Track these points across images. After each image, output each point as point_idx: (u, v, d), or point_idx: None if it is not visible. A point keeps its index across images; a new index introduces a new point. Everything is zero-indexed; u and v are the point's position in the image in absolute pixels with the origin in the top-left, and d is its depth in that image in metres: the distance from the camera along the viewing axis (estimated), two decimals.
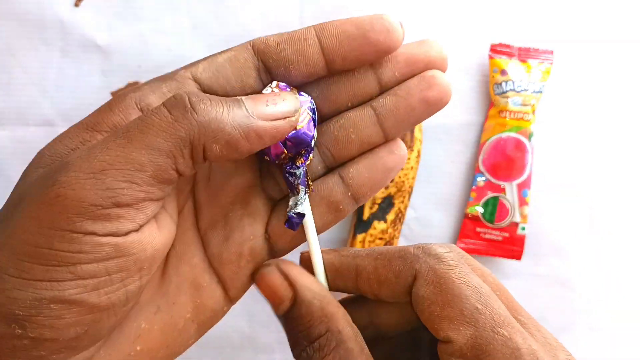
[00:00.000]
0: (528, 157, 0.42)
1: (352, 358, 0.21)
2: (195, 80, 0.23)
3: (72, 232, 0.18)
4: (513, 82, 0.42)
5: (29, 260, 0.18)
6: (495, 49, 0.43)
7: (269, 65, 0.23)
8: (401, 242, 0.43)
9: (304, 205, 0.24)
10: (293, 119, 0.22)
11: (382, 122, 0.24)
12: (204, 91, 0.23)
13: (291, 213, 0.24)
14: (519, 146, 0.42)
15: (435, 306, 0.21)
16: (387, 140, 0.24)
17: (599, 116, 0.43)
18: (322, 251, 0.25)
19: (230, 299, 0.25)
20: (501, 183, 0.42)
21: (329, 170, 0.25)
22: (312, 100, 0.24)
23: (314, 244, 0.24)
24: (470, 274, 0.21)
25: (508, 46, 0.43)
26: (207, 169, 0.25)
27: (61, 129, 0.32)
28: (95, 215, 0.19)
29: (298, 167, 0.23)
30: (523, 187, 0.42)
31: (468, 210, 0.43)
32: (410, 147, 0.41)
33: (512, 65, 0.42)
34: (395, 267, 0.22)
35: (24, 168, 0.21)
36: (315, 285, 0.22)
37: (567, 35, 0.43)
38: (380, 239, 0.40)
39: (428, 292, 0.21)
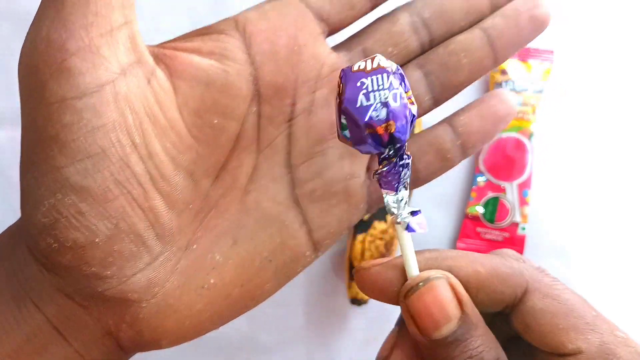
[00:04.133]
0: (528, 157, 0.42)
1: None
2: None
3: None
4: (513, 82, 0.42)
5: None
6: None
7: None
8: None
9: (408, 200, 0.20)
10: None
11: (493, 43, 0.23)
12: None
13: (404, 218, 0.20)
14: (520, 146, 0.42)
15: (559, 318, 0.20)
16: (496, 63, 0.24)
17: (599, 116, 0.43)
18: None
19: (314, 245, 0.24)
20: (501, 183, 0.42)
21: (436, 102, 0.24)
22: (399, 67, 0.20)
23: (410, 251, 0.20)
24: (565, 285, 0.21)
25: None
26: (310, 102, 0.23)
27: None
28: None
29: (403, 166, 0.20)
30: (523, 187, 0.42)
31: (468, 210, 0.43)
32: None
33: (512, 65, 0.42)
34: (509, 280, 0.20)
35: None
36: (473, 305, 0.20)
37: (567, 35, 0.43)
38: (380, 239, 0.40)
39: (547, 304, 0.20)
